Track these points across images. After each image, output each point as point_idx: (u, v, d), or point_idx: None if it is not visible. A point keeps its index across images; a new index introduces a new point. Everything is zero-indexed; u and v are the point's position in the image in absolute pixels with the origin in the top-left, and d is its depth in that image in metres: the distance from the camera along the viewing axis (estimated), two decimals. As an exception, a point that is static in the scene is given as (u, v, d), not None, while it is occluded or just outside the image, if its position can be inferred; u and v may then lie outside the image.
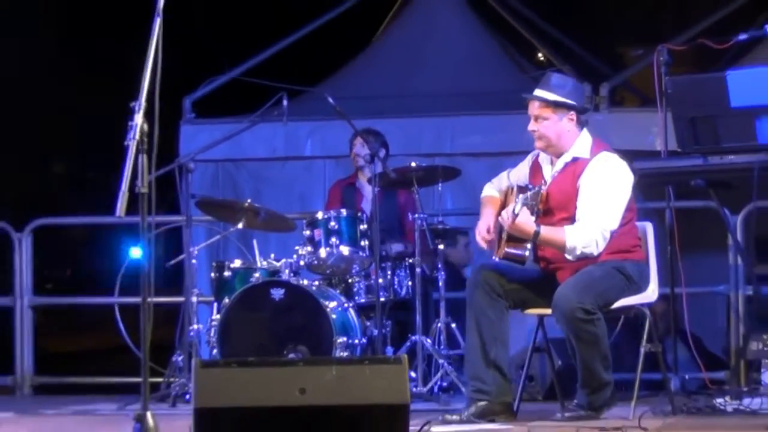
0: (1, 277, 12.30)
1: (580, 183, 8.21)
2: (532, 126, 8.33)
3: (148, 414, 6.38)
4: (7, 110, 17.76)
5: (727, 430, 7.59)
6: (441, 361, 9.87)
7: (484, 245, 8.46)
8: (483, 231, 8.42)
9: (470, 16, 14.34)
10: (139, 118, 6.42)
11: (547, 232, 8.12)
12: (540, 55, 16.49)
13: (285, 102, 10.48)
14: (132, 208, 6.42)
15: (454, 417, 8.13)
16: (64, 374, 12.57)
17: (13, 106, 18.59)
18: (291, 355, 9.21)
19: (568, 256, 8.13)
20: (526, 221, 8.07)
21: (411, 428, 5.87)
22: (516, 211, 8.07)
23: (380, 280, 9.84)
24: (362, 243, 9.87)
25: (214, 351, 9.64)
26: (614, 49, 24.35)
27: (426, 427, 6.57)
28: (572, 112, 8.31)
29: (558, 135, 8.30)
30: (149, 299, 6.60)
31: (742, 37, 9.45)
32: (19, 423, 8.80)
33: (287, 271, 9.81)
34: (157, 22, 6.48)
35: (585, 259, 8.15)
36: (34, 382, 11.90)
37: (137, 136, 6.41)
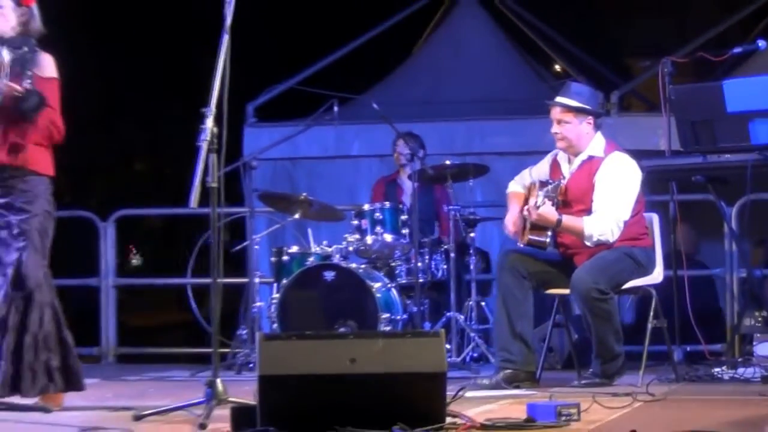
0: (88, 261, 12.30)
1: (596, 179, 8.21)
2: (555, 128, 8.32)
3: (218, 380, 6.39)
4: (95, 115, 17.80)
5: (724, 395, 7.55)
6: (472, 334, 9.85)
7: (511, 234, 8.46)
8: (510, 222, 8.42)
9: (496, 32, 14.31)
10: (209, 123, 6.44)
11: (567, 220, 8.12)
12: (557, 66, 16.46)
13: (335, 108, 10.47)
14: (203, 200, 6.43)
15: (485, 383, 8.12)
16: (142, 345, 12.61)
17: (100, 111, 18.62)
18: (341, 329, 9.21)
19: (587, 243, 8.13)
20: (549, 211, 8.06)
21: (447, 393, 5.85)
22: (539, 203, 8.07)
23: (419, 264, 9.84)
24: (403, 231, 9.86)
25: (274, 325, 9.65)
26: (622, 60, 24.24)
27: (461, 393, 6.53)
28: (590, 117, 8.31)
29: (577, 136, 8.29)
30: (218, 280, 6.61)
31: (737, 50, 9.42)
32: (105, 387, 8.81)
33: (338, 255, 9.80)
34: (225, 39, 6.50)
35: (601, 245, 8.14)
36: (117, 352, 11.92)
37: (208, 138, 6.42)
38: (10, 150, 7.02)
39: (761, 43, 8.96)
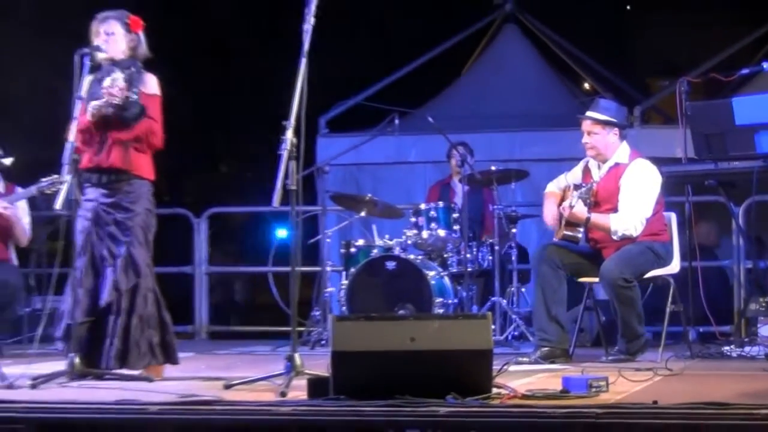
0: (184, 252, 12.37)
1: (621, 182, 8.19)
2: (585, 139, 8.30)
3: (296, 355, 6.41)
4: (188, 124, 17.86)
5: (732, 371, 7.50)
6: (513, 316, 9.85)
7: (549, 223, 8.46)
8: (549, 215, 8.44)
9: (534, 55, 14.32)
10: (289, 134, 6.45)
11: (596, 218, 8.12)
12: (586, 84, 16.40)
13: (396, 121, 10.50)
14: (283, 200, 6.45)
15: (525, 359, 8.10)
16: (230, 324, 12.66)
17: (192, 121, 18.69)
18: (401, 312, 9.22)
19: (614, 237, 8.12)
20: (581, 210, 8.07)
21: (494, 367, 5.85)
22: (573, 203, 8.08)
23: (468, 255, 9.84)
24: (454, 227, 9.87)
25: (343, 308, 9.67)
26: (643, 79, 24.12)
27: (505, 367, 6.51)
28: (616, 129, 8.29)
29: (605, 146, 8.28)
30: (296, 268, 6.64)
31: (744, 71, 9.39)
32: (198, 360, 8.85)
33: (398, 248, 9.82)
34: (303, 63, 6.52)
35: (625, 239, 8.12)
36: (208, 329, 11.99)
37: (288, 147, 6.44)
38: (118, 156, 7.07)
39: (766, 65, 8.90)
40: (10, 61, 18.65)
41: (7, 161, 9.26)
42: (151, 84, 7.15)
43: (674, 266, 8.38)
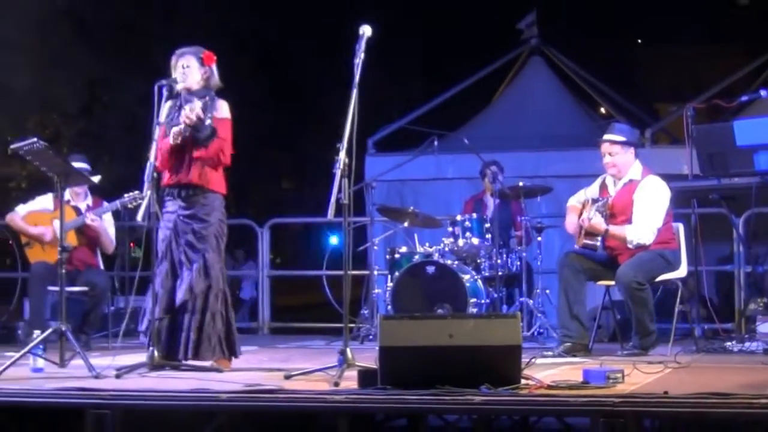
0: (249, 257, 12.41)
1: (635, 197, 8.15)
2: (607, 159, 8.26)
3: (348, 349, 6.40)
4: (254, 144, 17.96)
5: (734, 364, 7.43)
6: (539, 315, 9.81)
7: (570, 232, 8.42)
8: (570, 226, 8.40)
9: (556, 83, 14.27)
10: (342, 154, 6.45)
11: (614, 229, 8.08)
12: (602, 108, 16.33)
13: (435, 142, 10.47)
14: (336, 212, 6.45)
15: (549, 353, 8.06)
16: (289, 321, 12.66)
17: (257, 141, 18.77)
18: (440, 311, 9.19)
19: (629, 246, 8.08)
20: (599, 222, 8.04)
21: (523, 361, 5.83)
22: (591, 215, 8.04)
23: (498, 261, 9.80)
24: (487, 236, 9.82)
25: (389, 307, 9.64)
26: (653, 105, 24.05)
27: (532, 360, 6.50)
28: (632, 148, 8.25)
29: (623, 164, 8.24)
30: (348, 272, 6.63)
31: (744, 98, 9.32)
32: (261, 353, 8.85)
33: (437, 254, 9.77)
34: (354, 93, 6.52)
35: (639, 247, 8.07)
36: (270, 326, 11.98)
37: (341, 166, 6.43)
38: (194, 173, 7.10)
39: (763, 92, 8.83)
40: (103, 92, 18.82)
41: (96, 179, 9.31)
42: (223, 109, 7.19)
43: (682, 271, 8.33)
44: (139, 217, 7.03)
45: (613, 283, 8.22)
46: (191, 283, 7.01)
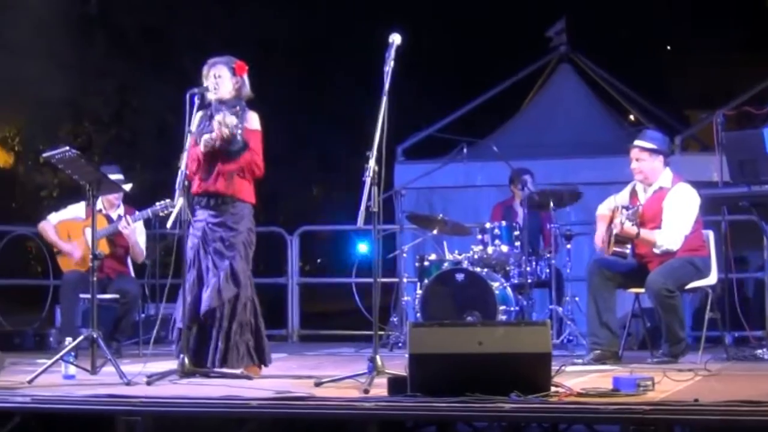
0: (279, 265, 12.43)
1: (665, 204, 8.13)
2: (634, 164, 8.25)
3: (377, 356, 6.40)
4: (283, 152, 17.98)
5: (764, 372, 7.39)
6: (569, 322, 9.78)
7: (599, 245, 8.39)
8: (599, 239, 8.38)
9: (585, 90, 14.22)
10: (371, 162, 6.46)
11: (644, 233, 8.06)
12: (632, 116, 16.28)
13: (464, 149, 10.48)
14: (366, 220, 6.46)
15: (579, 360, 8.05)
16: (318, 328, 12.67)
17: (286, 150, 18.80)
18: (469, 318, 9.18)
19: (656, 251, 8.07)
20: (630, 228, 8.01)
21: (552, 368, 5.82)
22: (622, 221, 8.02)
23: (528, 268, 9.78)
24: (516, 243, 9.81)
25: (418, 315, 9.64)
26: (683, 112, 23.96)
27: (562, 368, 6.49)
28: (661, 156, 8.23)
29: (651, 171, 8.22)
30: (377, 279, 6.64)
31: (773, 105, 9.30)
32: (291, 360, 8.88)
33: (466, 261, 9.76)
34: (384, 101, 6.53)
35: (667, 253, 8.05)
36: (300, 333, 12.00)
37: (370, 174, 6.44)
38: (224, 183, 7.13)
39: (792, 99, 8.81)
40: (134, 99, 18.91)
41: (127, 187, 9.35)
42: (253, 120, 7.21)
43: (712, 278, 8.30)
44: (169, 224, 7.07)
45: (642, 290, 8.19)
46: (218, 289, 7.03)
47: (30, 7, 16.05)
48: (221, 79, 7.18)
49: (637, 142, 8.29)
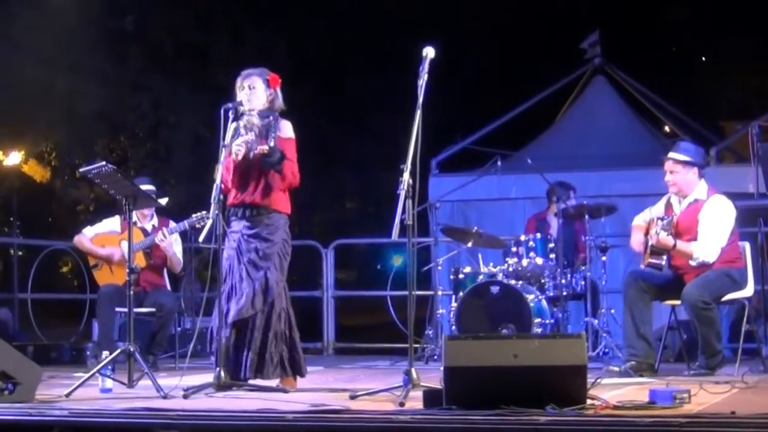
0: (314, 278, 12.46)
1: (700, 216, 8.09)
2: (668, 177, 8.22)
3: (413, 369, 6.40)
4: (317, 165, 18.03)
5: (803, 384, 7.35)
6: (604, 335, 9.74)
7: (637, 249, 8.35)
8: (635, 244, 8.36)
9: (619, 102, 14.22)
10: (406, 175, 6.46)
11: (680, 245, 8.02)
12: (666, 127, 16.23)
13: (499, 162, 10.47)
14: (400, 233, 6.46)
15: (615, 368, 8.03)
16: (354, 341, 12.68)
17: (321, 163, 18.85)
18: (504, 331, 9.16)
19: (692, 263, 8.02)
20: (666, 239, 7.97)
21: (588, 381, 5.80)
22: (658, 232, 7.99)
23: (563, 280, 9.76)
24: (551, 256, 9.79)
25: (453, 327, 9.63)
26: (718, 123, 23.84)
27: (598, 380, 6.47)
28: (695, 168, 8.19)
29: (686, 183, 8.18)
30: (413, 292, 6.63)
31: (811, 116, 9.24)
32: (326, 373, 8.88)
33: (501, 274, 9.76)
34: (418, 114, 6.54)
35: (703, 265, 8.01)
36: (335, 346, 12.02)
37: (405, 187, 6.45)
38: (261, 194, 7.16)
39: (830, 110, 8.76)
40: (169, 113, 19.03)
41: (163, 201, 9.40)
42: (287, 129, 7.25)
43: (749, 290, 8.25)
44: (201, 238, 7.10)
45: (678, 302, 8.15)
46: (252, 299, 7.05)
47: (66, 23, 16.18)
48: (255, 90, 7.22)
49: (670, 155, 8.26)
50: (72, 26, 16.35)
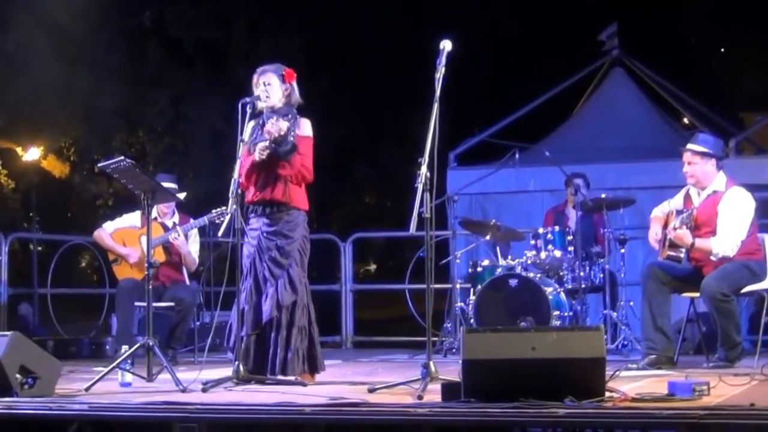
0: (332, 271, 12.48)
1: (719, 208, 8.06)
2: (686, 168, 8.19)
3: (431, 362, 6.40)
4: (336, 161, 18.06)
5: (823, 376, 7.31)
6: (623, 327, 9.73)
7: (655, 246, 8.33)
8: (653, 237, 8.33)
9: (639, 94, 14.17)
10: (424, 168, 6.46)
11: (699, 243, 8.00)
12: (685, 119, 16.18)
13: (517, 155, 10.46)
14: (418, 226, 6.45)
15: (633, 366, 8.00)
16: (372, 335, 12.69)
17: (339, 158, 18.88)
18: (523, 324, 9.16)
19: (712, 258, 7.99)
20: (685, 234, 7.96)
21: (607, 373, 5.79)
22: (677, 227, 7.97)
23: (581, 273, 9.75)
24: (569, 248, 9.78)
25: (471, 321, 9.64)
26: (737, 114, 23.76)
27: (617, 373, 6.46)
28: (714, 159, 8.17)
29: (703, 174, 8.16)
30: (431, 285, 6.63)
31: (830, 106, 9.18)
32: (345, 367, 8.89)
33: (519, 267, 9.76)
34: (435, 107, 6.53)
35: (723, 259, 7.98)
36: (353, 340, 12.04)
37: (422, 180, 6.44)
38: (278, 190, 7.16)
39: None
40: (187, 109, 19.07)
41: (182, 195, 9.43)
42: (305, 127, 7.24)
43: (768, 282, 8.22)
44: (221, 233, 7.11)
45: (697, 294, 8.13)
46: (278, 298, 7.06)
47: (85, 19, 16.22)
48: (271, 86, 7.21)
49: (689, 146, 8.24)
50: (91, 22, 16.39)
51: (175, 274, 9.65)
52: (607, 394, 5.68)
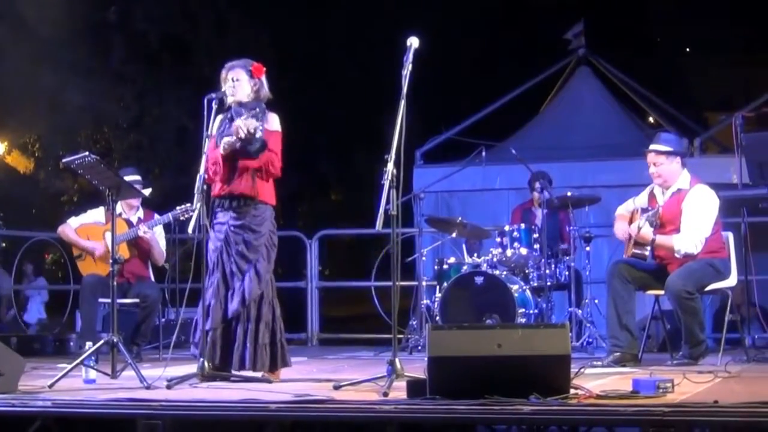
0: (299, 268, 12.45)
1: (683, 206, 8.10)
2: (652, 169, 8.23)
3: (396, 359, 6.39)
4: (301, 157, 18.02)
5: (785, 373, 7.38)
6: (588, 325, 9.77)
7: (624, 237, 8.35)
8: (619, 232, 8.39)
9: (603, 93, 14.25)
10: (390, 165, 6.45)
11: (660, 239, 8.05)
12: (651, 118, 16.26)
13: (483, 153, 10.46)
14: (384, 223, 6.45)
15: (598, 363, 8.03)
16: (338, 332, 12.67)
17: (305, 154, 18.84)
18: (488, 321, 9.18)
19: (676, 255, 8.04)
20: (647, 232, 8.01)
21: (572, 370, 5.81)
22: (640, 225, 8.01)
23: (547, 271, 9.77)
24: (535, 246, 9.80)
25: (437, 318, 9.65)
26: (702, 114, 23.90)
27: (582, 370, 6.48)
28: (678, 157, 8.21)
29: (668, 173, 8.19)
30: (396, 283, 6.63)
31: (794, 107, 9.26)
32: (311, 364, 8.88)
33: (485, 264, 9.77)
34: (402, 104, 6.52)
35: (687, 257, 8.03)
36: (319, 337, 12.01)
37: (389, 177, 6.44)
38: (245, 184, 7.13)
39: (813, 100, 8.78)
40: (152, 105, 18.99)
41: (147, 191, 9.38)
42: (273, 122, 7.22)
43: (732, 280, 8.27)
44: (190, 229, 7.07)
45: (662, 292, 8.18)
46: (244, 293, 7.04)
47: (49, 14, 16.11)
48: (239, 82, 7.18)
49: (652, 147, 8.27)
50: (55, 17, 16.28)
51: (140, 270, 9.60)
52: (572, 391, 5.71)
